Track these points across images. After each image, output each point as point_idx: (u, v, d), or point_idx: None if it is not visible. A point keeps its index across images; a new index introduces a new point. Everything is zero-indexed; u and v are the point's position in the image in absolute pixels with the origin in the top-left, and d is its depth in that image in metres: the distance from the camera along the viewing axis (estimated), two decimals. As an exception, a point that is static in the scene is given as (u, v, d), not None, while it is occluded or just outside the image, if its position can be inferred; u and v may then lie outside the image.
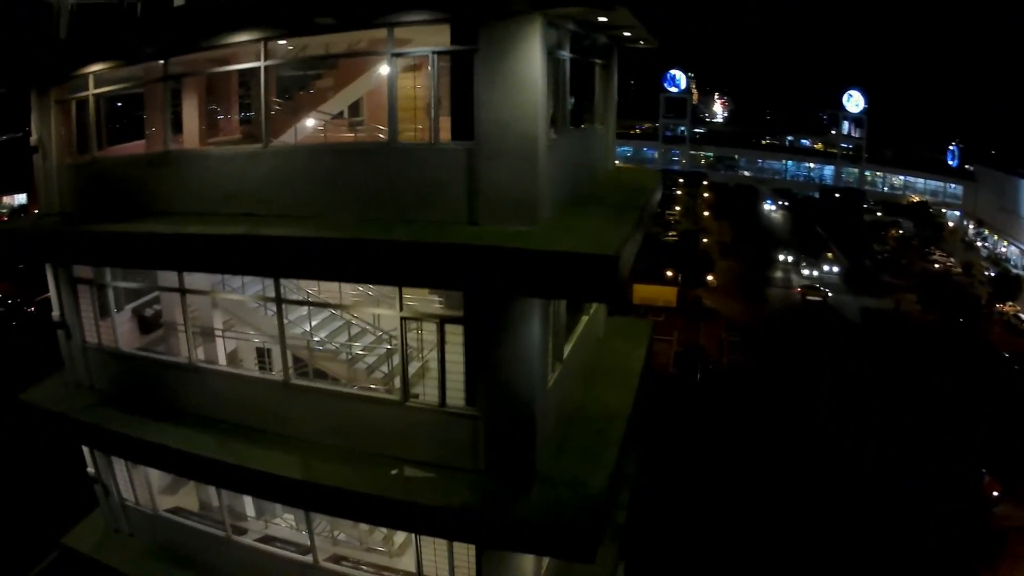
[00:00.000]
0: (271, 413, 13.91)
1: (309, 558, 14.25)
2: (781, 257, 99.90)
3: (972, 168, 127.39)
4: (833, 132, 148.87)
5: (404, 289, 12.21)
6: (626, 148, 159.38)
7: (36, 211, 17.25)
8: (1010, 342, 70.64)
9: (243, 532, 15.40)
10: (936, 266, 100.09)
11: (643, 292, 79.31)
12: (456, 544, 12.91)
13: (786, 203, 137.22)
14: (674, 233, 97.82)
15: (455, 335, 12.07)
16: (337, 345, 14.41)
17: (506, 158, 11.12)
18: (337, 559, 14.57)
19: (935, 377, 60.43)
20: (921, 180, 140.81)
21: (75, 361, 16.45)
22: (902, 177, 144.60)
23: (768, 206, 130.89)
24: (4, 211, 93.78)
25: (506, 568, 12.56)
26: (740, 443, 46.40)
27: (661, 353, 61.98)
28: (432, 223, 11.62)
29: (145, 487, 16.15)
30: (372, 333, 14.61)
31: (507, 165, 11.13)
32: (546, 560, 13.68)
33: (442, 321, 12.09)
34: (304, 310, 14.31)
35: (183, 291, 14.71)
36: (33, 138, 16.61)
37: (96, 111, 15.66)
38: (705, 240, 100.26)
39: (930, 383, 59.02)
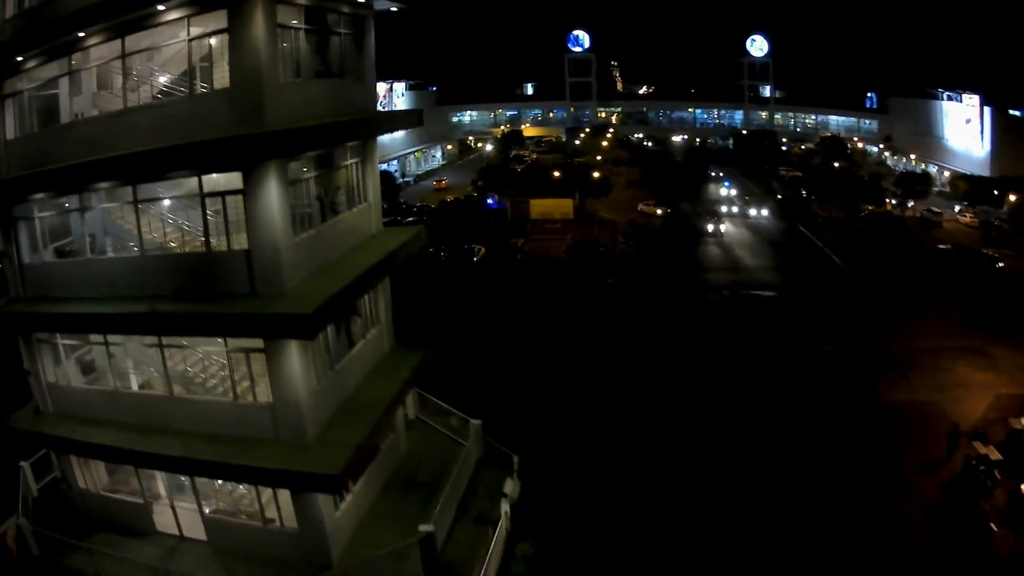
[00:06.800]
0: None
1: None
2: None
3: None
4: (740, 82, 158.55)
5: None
6: (536, 110, 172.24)
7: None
8: (928, 233, 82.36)
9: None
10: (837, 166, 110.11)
11: (539, 207, 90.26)
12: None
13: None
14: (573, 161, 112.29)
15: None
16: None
17: (265, 259, 20.26)
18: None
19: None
20: (834, 117, 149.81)
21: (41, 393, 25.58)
22: (814, 116, 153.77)
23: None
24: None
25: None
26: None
27: (554, 247, 77.35)
28: (233, 296, 20.75)
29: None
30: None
31: (265, 262, 20.28)
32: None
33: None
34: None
35: (107, 344, 23.89)
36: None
37: (41, 228, 24.87)
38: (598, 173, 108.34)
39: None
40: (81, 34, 21.95)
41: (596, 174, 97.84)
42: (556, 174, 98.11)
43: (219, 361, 23.30)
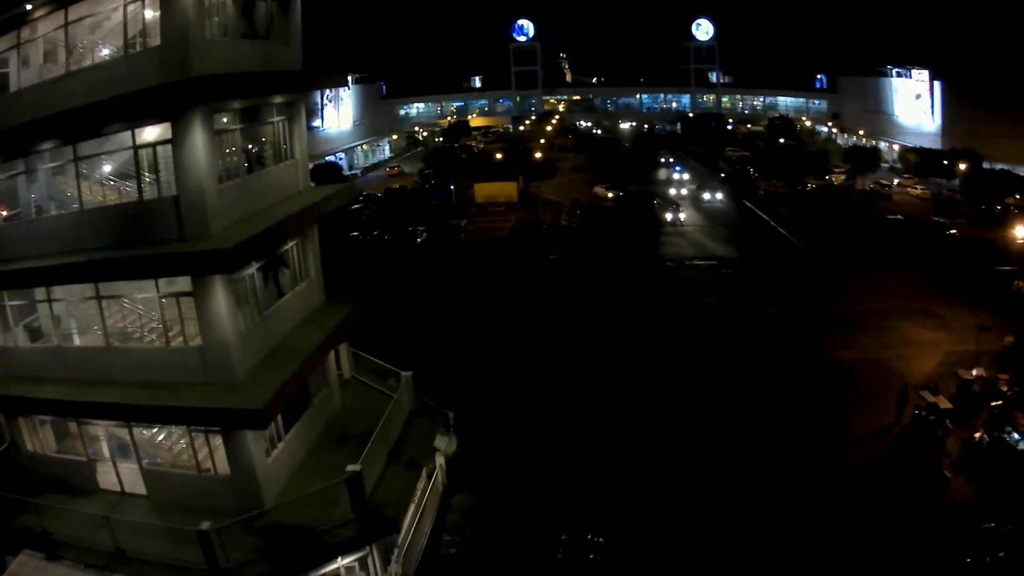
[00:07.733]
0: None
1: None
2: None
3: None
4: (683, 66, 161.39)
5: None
6: (482, 100, 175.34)
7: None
8: (878, 205, 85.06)
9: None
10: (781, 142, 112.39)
11: (484, 190, 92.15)
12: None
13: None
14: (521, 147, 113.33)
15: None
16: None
17: (191, 203, 21.66)
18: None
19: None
20: (782, 98, 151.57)
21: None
22: (762, 98, 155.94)
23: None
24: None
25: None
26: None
27: (498, 228, 79.65)
28: (164, 242, 22.07)
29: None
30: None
31: (192, 207, 21.67)
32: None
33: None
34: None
35: (50, 301, 25.08)
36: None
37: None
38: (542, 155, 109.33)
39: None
40: (28, 7, 23.30)
41: (538, 155, 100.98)
42: (499, 156, 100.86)
43: (154, 315, 24.44)
